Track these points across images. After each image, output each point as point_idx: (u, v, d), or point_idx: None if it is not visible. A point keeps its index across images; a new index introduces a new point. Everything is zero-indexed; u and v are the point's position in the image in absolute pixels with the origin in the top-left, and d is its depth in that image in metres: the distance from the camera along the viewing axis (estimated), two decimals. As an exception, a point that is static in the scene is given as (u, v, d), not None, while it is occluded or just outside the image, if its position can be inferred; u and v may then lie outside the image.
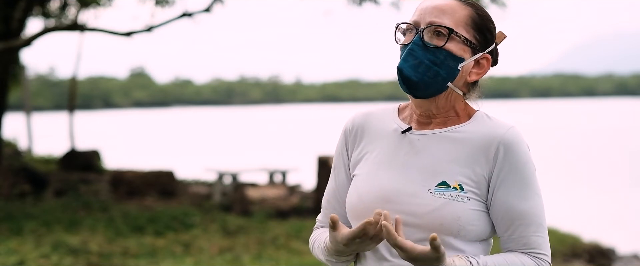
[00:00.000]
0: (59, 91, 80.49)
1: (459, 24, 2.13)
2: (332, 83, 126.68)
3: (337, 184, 2.31)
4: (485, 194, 2.12)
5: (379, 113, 2.28)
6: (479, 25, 2.16)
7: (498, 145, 2.11)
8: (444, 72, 2.12)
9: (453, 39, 2.12)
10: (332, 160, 2.39)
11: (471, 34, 2.14)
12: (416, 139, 2.17)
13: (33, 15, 15.54)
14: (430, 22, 2.12)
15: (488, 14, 2.19)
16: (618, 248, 11.31)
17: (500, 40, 2.22)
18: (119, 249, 9.04)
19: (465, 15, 2.14)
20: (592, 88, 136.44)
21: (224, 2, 12.85)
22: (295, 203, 12.10)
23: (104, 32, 13.14)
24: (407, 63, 2.12)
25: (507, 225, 2.12)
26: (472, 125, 2.15)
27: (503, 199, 2.10)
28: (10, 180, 12.57)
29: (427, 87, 2.12)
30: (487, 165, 2.11)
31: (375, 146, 2.23)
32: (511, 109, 57.92)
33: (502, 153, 2.10)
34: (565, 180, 20.30)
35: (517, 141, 2.12)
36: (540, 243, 2.12)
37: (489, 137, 2.12)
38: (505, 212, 2.11)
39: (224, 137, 42.21)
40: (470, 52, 2.15)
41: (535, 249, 2.11)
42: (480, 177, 2.11)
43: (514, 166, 2.10)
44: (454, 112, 2.18)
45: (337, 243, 2.12)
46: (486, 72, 2.19)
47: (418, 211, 2.10)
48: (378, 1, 12.88)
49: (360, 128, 2.28)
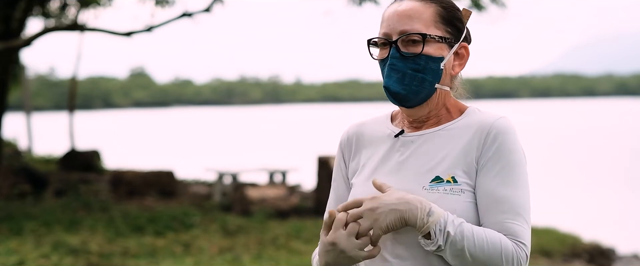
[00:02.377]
0: (59, 91, 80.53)
1: (429, 25, 2.12)
2: (332, 83, 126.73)
3: (337, 196, 2.31)
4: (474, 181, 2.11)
5: (371, 123, 2.29)
6: (448, 19, 2.15)
7: (488, 131, 2.10)
8: (430, 76, 2.12)
9: (428, 41, 2.11)
10: (332, 169, 2.39)
11: (443, 30, 2.14)
12: (410, 141, 2.18)
13: (33, 15, 15.54)
14: (401, 31, 2.12)
15: (453, 3, 2.18)
16: (618, 248, 11.31)
17: (467, 18, 2.20)
18: (119, 249, 9.04)
19: (432, 14, 2.13)
20: (592, 88, 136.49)
21: (224, 2, 12.85)
22: (295, 203, 12.10)
23: (104, 32, 13.13)
24: (391, 79, 2.12)
25: (485, 209, 2.07)
26: (464, 120, 2.16)
27: (484, 182, 2.08)
28: (10, 180, 12.57)
29: (417, 95, 2.13)
30: (477, 151, 2.10)
31: (371, 153, 2.24)
32: (511, 109, 57.89)
33: (491, 138, 2.09)
34: (565, 180, 20.30)
35: (507, 128, 2.11)
36: (517, 230, 2.04)
37: (479, 126, 2.12)
38: (485, 196, 2.07)
39: (224, 137, 42.21)
40: (447, 48, 2.14)
41: (512, 235, 2.05)
42: (471, 166, 2.10)
43: (500, 151, 2.09)
44: (446, 109, 2.18)
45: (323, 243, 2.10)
46: (467, 59, 2.19)
47: None
48: (378, 1, 12.88)
49: (355, 139, 2.28)
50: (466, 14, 2.19)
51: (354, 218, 2.06)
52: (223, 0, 12.84)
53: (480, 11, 12.30)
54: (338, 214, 2.07)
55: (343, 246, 2.06)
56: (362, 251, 2.06)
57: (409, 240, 2.11)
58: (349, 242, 2.05)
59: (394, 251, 2.13)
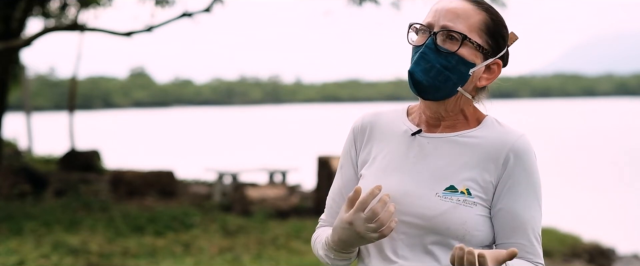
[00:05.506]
0: (59, 91, 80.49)
1: (472, 30, 2.12)
2: (332, 83, 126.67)
3: (343, 182, 2.30)
4: (490, 200, 2.13)
5: (388, 114, 2.28)
6: (492, 31, 2.15)
7: (508, 152, 2.11)
8: (455, 77, 2.12)
9: (466, 44, 2.11)
10: (337, 160, 2.40)
11: (484, 40, 2.13)
12: (426, 142, 2.17)
13: (33, 15, 15.54)
14: (443, 25, 2.12)
15: (502, 19, 2.18)
16: (618, 248, 11.31)
17: (513, 42, 2.21)
18: (119, 249, 9.04)
19: (479, 21, 2.13)
20: (592, 88, 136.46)
21: (224, 2, 12.85)
22: (295, 203, 12.09)
23: (104, 32, 13.13)
24: (419, 66, 2.12)
25: (509, 231, 2.11)
26: (481, 130, 2.16)
27: (509, 206, 2.10)
28: (10, 180, 12.57)
29: (437, 90, 2.13)
30: (496, 172, 2.11)
31: (384, 147, 2.23)
32: (511, 109, 57.88)
33: (513, 160, 2.10)
34: (565, 180, 20.29)
35: (528, 149, 2.12)
36: (538, 252, 2.14)
37: (499, 144, 2.12)
38: (510, 219, 2.11)
39: (224, 137, 42.21)
40: (482, 58, 2.14)
41: (533, 257, 2.12)
42: (487, 183, 2.11)
43: (524, 174, 2.11)
44: (463, 116, 2.18)
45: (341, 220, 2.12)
46: (497, 76, 2.19)
47: (425, 214, 2.11)
48: (378, 1, 12.88)
49: (370, 127, 2.27)
50: (512, 37, 2.20)
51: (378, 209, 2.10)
52: (223, 0, 12.84)
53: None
54: (363, 196, 2.09)
55: (358, 228, 2.09)
56: (374, 234, 2.09)
57: (415, 242, 2.13)
58: (364, 226, 2.08)
59: (399, 252, 2.15)
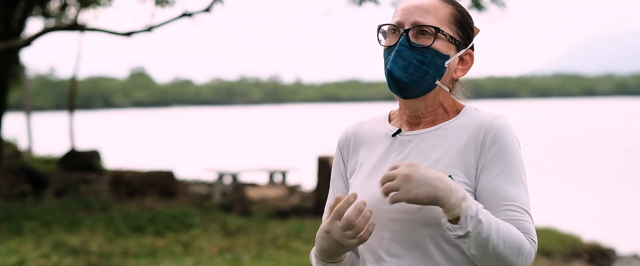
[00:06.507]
0: (59, 91, 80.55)
1: (443, 22, 2.16)
2: (332, 83, 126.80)
3: (335, 195, 2.30)
4: (474, 182, 2.12)
5: (369, 122, 2.31)
6: (461, 23, 2.19)
7: (486, 131, 2.12)
8: (433, 71, 2.15)
9: (439, 37, 2.15)
10: (331, 169, 2.39)
11: (454, 31, 2.18)
12: (407, 140, 2.20)
13: (33, 15, 15.54)
14: (415, 21, 2.15)
15: (467, 11, 2.23)
16: (618, 248, 11.32)
17: (475, 35, 2.25)
18: (119, 249, 9.04)
19: (448, 14, 2.18)
20: (592, 88, 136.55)
21: (224, 2, 12.85)
22: (295, 203, 12.10)
23: (104, 32, 13.14)
24: (396, 64, 2.15)
25: (494, 207, 2.08)
26: (461, 119, 2.18)
27: (490, 182, 2.10)
28: (10, 180, 12.57)
29: (417, 86, 2.15)
30: (475, 153, 2.12)
31: (369, 153, 2.25)
32: (511, 109, 57.90)
33: (490, 138, 2.12)
34: (565, 180, 20.30)
35: (505, 127, 2.13)
36: (528, 227, 2.08)
37: (477, 126, 2.14)
38: (492, 195, 2.09)
39: (224, 137, 42.23)
40: (455, 49, 2.18)
41: (524, 232, 2.07)
42: (469, 167, 2.12)
43: (502, 151, 2.11)
44: (443, 109, 2.21)
45: (321, 229, 2.13)
46: (470, 67, 2.23)
47: (411, 207, 2.10)
48: (378, 1, 12.89)
49: (354, 138, 2.30)
50: (475, 31, 2.25)
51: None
52: (223, 0, 12.84)
53: (480, 11, 12.30)
54: (338, 204, 2.09)
55: (335, 236, 2.09)
56: (353, 240, 2.08)
57: (406, 238, 2.13)
58: (341, 234, 2.08)
59: (390, 250, 2.14)
